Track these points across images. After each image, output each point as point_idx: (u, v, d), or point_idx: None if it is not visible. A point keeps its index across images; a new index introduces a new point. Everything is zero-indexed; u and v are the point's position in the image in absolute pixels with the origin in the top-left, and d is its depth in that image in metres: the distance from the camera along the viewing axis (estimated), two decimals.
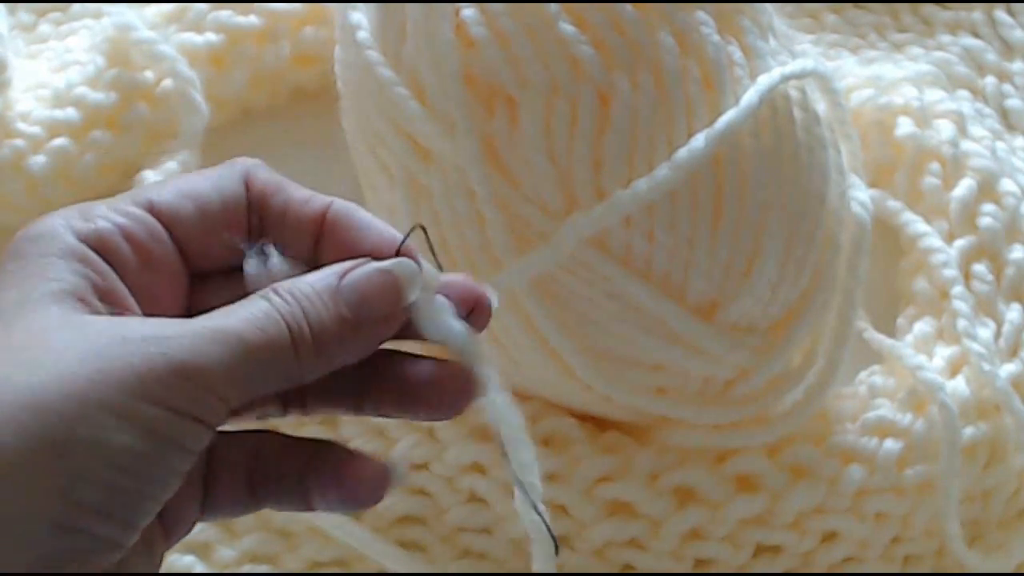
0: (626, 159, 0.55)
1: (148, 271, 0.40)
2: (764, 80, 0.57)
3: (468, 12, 0.56)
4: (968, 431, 0.62)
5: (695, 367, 0.57)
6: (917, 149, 0.70)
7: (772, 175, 0.57)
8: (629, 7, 0.56)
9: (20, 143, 0.69)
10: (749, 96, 0.56)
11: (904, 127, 0.70)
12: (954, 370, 0.64)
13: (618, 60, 0.56)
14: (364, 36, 0.59)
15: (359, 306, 0.40)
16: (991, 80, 0.77)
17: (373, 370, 0.41)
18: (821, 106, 0.61)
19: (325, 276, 0.40)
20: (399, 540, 0.61)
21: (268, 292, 0.39)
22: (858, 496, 0.61)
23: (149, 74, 0.70)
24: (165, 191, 0.41)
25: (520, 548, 0.60)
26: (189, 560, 0.61)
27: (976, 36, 0.79)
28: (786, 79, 0.57)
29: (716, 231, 0.56)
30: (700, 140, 0.55)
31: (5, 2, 0.76)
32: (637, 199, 0.54)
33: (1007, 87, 0.77)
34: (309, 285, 0.40)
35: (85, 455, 0.35)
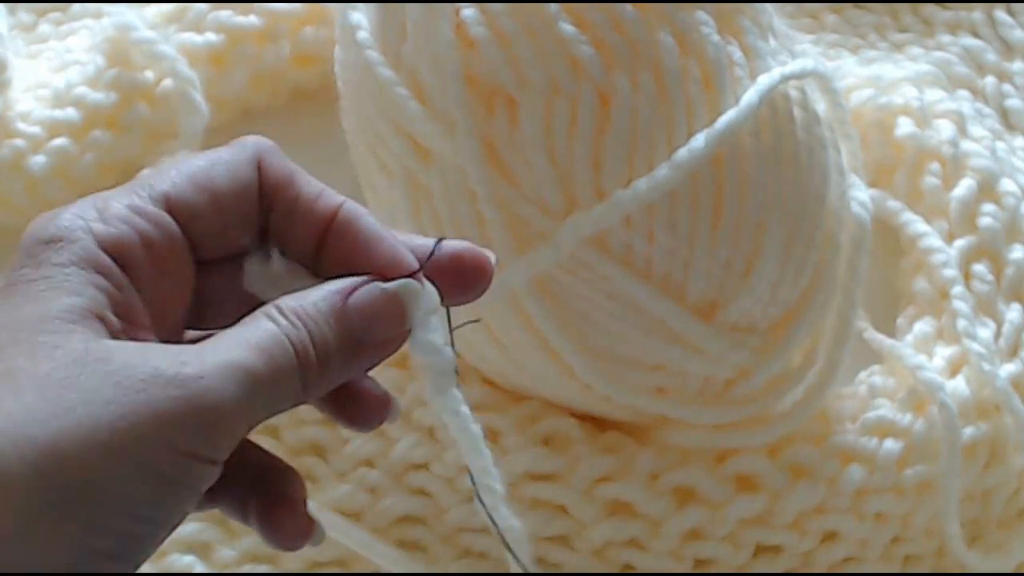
0: (626, 159, 0.55)
1: (162, 277, 0.40)
2: (764, 80, 0.57)
3: (468, 12, 0.56)
4: (968, 431, 0.62)
5: (695, 367, 0.57)
6: (917, 149, 0.70)
7: (772, 175, 0.57)
8: (629, 7, 0.56)
9: (20, 143, 0.69)
10: (749, 96, 0.56)
11: (904, 127, 0.70)
12: (954, 370, 0.64)
13: (618, 60, 0.56)
14: (364, 36, 0.59)
15: (364, 329, 0.40)
16: (991, 80, 0.77)
17: None
18: (821, 106, 0.61)
19: (330, 295, 0.40)
20: (399, 540, 0.61)
21: (274, 312, 0.39)
22: (858, 496, 0.61)
23: (149, 74, 0.70)
24: (182, 182, 0.40)
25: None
26: (189, 560, 0.61)
27: (976, 36, 0.79)
28: (786, 79, 0.57)
29: (716, 231, 0.56)
30: (700, 140, 0.55)
31: (5, 2, 0.76)
32: (637, 199, 0.54)
33: (1007, 87, 0.77)
34: (315, 306, 0.39)
35: (104, 506, 0.35)
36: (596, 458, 0.60)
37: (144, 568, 0.60)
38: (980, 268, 0.67)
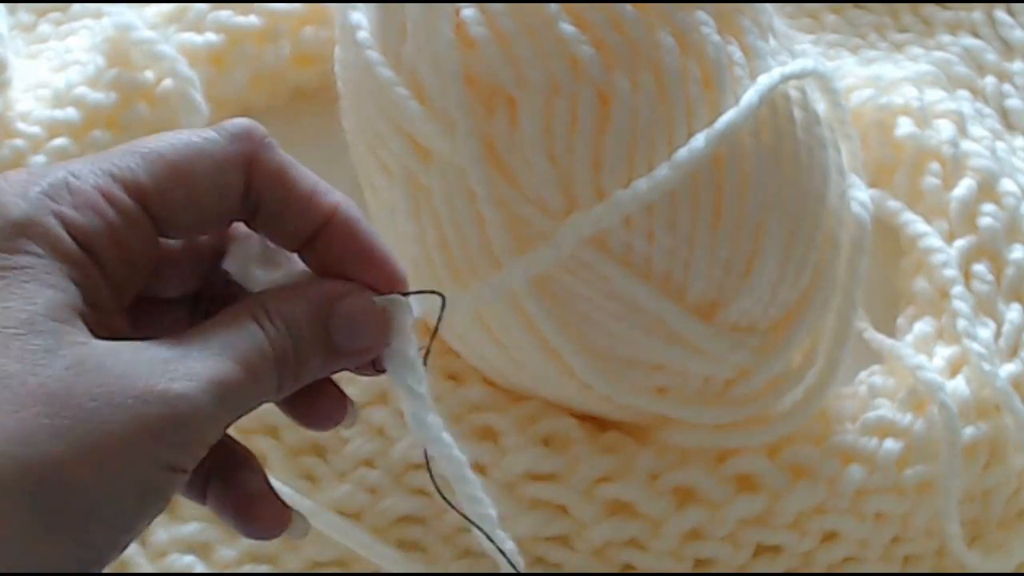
0: (626, 159, 0.55)
1: (126, 263, 0.39)
2: (764, 80, 0.57)
3: (468, 12, 0.56)
4: (968, 431, 0.62)
5: (695, 367, 0.57)
6: (917, 149, 0.70)
7: (772, 175, 0.56)
8: (629, 7, 0.56)
9: (20, 143, 0.68)
10: (749, 96, 0.56)
11: (904, 127, 0.70)
12: (954, 370, 0.64)
13: (618, 60, 0.56)
14: (364, 36, 0.59)
15: (347, 339, 0.40)
16: (991, 80, 0.77)
17: None
18: (821, 106, 0.61)
19: (318, 300, 0.40)
20: (399, 540, 0.61)
21: (261, 315, 0.39)
22: (858, 496, 0.61)
23: (149, 74, 0.70)
24: (161, 173, 0.39)
25: (520, 547, 0.60)
26: (189, 560, 0.61)
27: (976, 36, 0.79)
28: (786, 79, 0.57)
29: (716, 231, 0.56)
30: (700, 140, 0.55)
31: (5, 2, 0.76)
32: (637, 199, 0.54)
33: (1007, 87, 0.77)
34: (301, 310, 0.39)
35: (93, 520, 0.35)
36: (596, 458, 0.60)
37: (144, 568, 0.61)
38: (980, 268, 0.67)
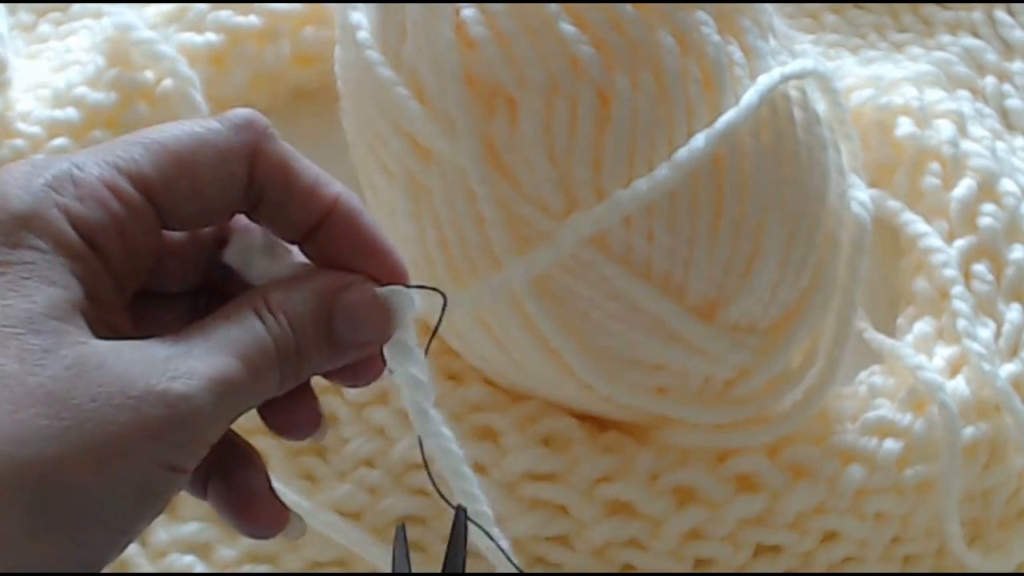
0: (626, 159, 0.55)
1: (129, 256, 0.39)
2: (764, 80, 0.57)
3: (468, 12, 0.56)
4: (968, 431, 0.62)
5: (695, 367, 0.57)
6: (917, 149, 0.70)
7: (772, 175, 0.56)
8: (629, 7, 0.56)
9: (20, 143, 0.68)
10: (749, 96, 0.56)
11: (904, 127, 0.70)
12: (954, 370, 0.64)
13: (618, 60, 0.56)
14: (364, 36, 0.59)
15: (350, 331, 0.40)
16: (991, 80, 0.77)
17: None
18: (821, 106, 0.61)
19: (320, 292, 0.40)
20: None
21: (262, 307, 0.39)
22: (858, 496, 0.61)
23: (149, 74, 0.70)
24: (166, 164, 0.39)
25: (520, 547, 0.60)
26: (189, 560, 0.61)
27: (976, 36, 0.79)
28: (786, 79, 0.57)
29: (716, 231, 0.56)
30: (700, 140, 0.55)
31: (5, 2, 0.76)
32: (637, 199, 0.54)
33: (1007, 87, 0.77)
34: (303, 303, 0.39)
35: (92, 521, 0.35)
36: (596, 458, 0.60)
37: (144, 568, 0.61)
38: (980, 268, 0.67)
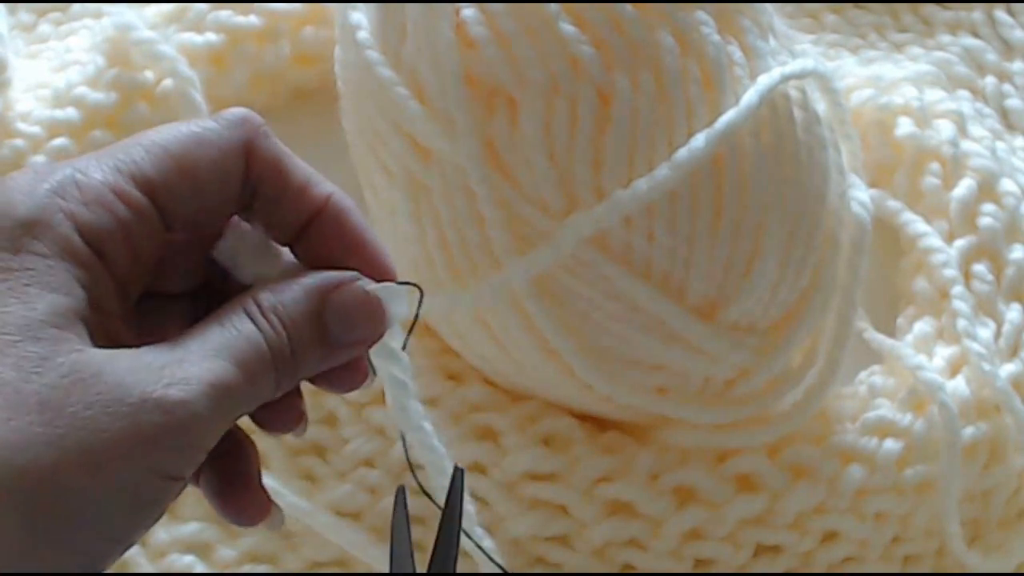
0: (626, 159, 0.55)
1: (133, 260, 0.39)
2: (764, 80, 0.57)
3: (468, 12, 0.56)
4: (968, 431, 0.62)
5: (695, 367, 0.57)
6: (917, 149, 0.70)
7: (772, 175, 0.57)
8: (629, 7, 0.56)
9: (20, 143, 0.68)
10: (749, 96, 0.56)
11: (904, 127, 0.70)
12: (954, 370, 0.64)
13: (618, 60, 0.56)
14: (364, 36, 0.59)
15: (342, 328, 0.40)
16: (991, 80, 0.77)
17: None
18: (821, 106, 0.61)
19: (311, 291, 0.39)
20: None
21: (254, 309, 0.38)
22: (858, 496, 0.61)
23: (149, 74, 0.70)
24: (166, 164, 0.39)
25: (520, 547, 0.60)
26: (189, 560, 0.60)
27: (976, 36, 0.78)
28: (786, 79, 0.57)
29: (716, 231, 0.56)
30: (700, 140, 0.55)
31: (5, 2, 0.76)
32: (637, 199, 0.54)
33: (1007, 87, 0.77)
34: (295, 303, 0.39)
35: (84, 530, 0.35)
36: (596, 458, 0.60)
37: (144, 568, 0.61)
38: (980, 268, 0.67)
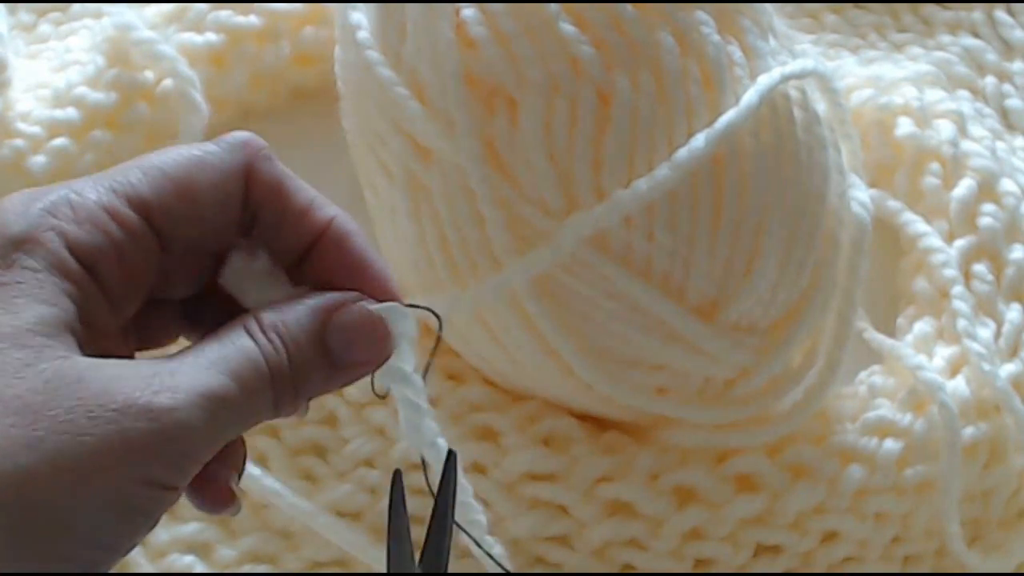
0: (626, 159, 0.55)
1: (127, 280, 0.39)
2: (764, 80, 0.57)
3: (468, 12, 0.56)
4: (968, 431, 0.62)
5: (695, 367, 0.57)
6: (917, 149, 0.70)
7: (772, 175, 0.57)
8: (629, 7, 0.56)
9: (20, 143, 0.68)
10: (749, 96, 0.56)
11: (904, 127, 0.70)
12: (954, 370, 0.64)
13: (618, 60, 0.56)
14: (364, 36, 0.59)
15: (345, 349, 0.39)
16: (991, 80, 0.77)
17: None
18: (821, 106, 0.61)
19: (314, 312, 0.39)
20: None
21: (254, 327, 0.38)
22: (858, 496, 0.61)
23: (149, 74, 0.70)
24: (163, 187, 0.39)
25: (520, 547, 0.60)
26: (189, 560, 0.61)
27: (976, 36, 0.78)
28: (786, 79, 0.57)
29: (716, 231, 0.56)
30: (700, 140, 0.55)
31: (5, 2, 0.76)
32: (637, 199, 0.54)
33: (1007, 87, 0.77)
34: (297, 323, 0.39)
35: (68, 538, 0.34)
36: (596, 458, 0.60)
37: (144, 568, 0.61)
38: (980, 268, 0.67)
